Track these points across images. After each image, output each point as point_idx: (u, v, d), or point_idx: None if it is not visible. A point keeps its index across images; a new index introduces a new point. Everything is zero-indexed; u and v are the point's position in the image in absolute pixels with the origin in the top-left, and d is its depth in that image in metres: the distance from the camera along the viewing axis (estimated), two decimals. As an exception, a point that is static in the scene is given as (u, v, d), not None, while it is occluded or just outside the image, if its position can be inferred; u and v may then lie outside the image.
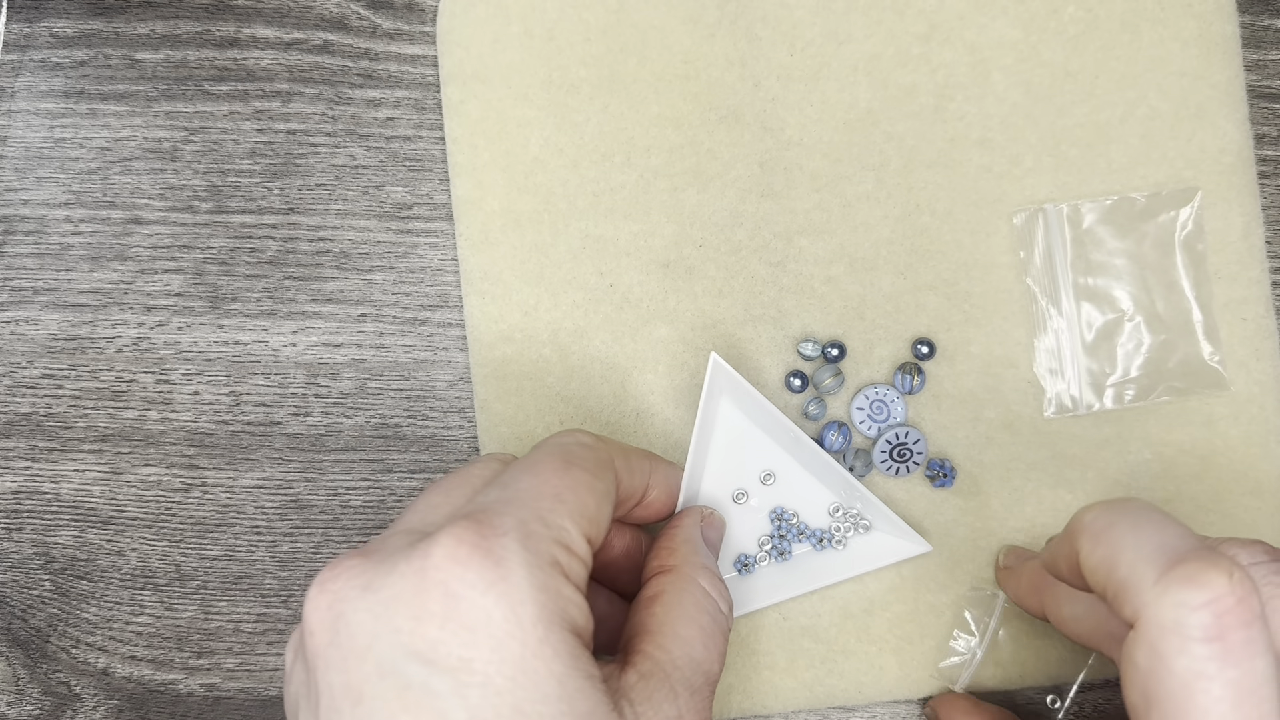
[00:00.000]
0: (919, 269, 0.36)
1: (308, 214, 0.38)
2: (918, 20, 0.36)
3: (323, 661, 0.24)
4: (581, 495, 0.27)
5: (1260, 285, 0.36)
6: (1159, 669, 0.23)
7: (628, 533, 0.34)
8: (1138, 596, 0.24)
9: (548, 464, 0.27)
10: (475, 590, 0.23)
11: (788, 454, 0.36)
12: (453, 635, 0.23)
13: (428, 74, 0.38)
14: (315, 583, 0.25)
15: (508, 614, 0.23)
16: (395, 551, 0.25)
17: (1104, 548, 0.26)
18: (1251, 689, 0.23)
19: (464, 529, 0.24)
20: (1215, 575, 0.23)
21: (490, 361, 0.37)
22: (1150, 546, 0.25)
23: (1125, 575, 0.24)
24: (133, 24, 0.38)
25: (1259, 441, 0.36)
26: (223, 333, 0.38)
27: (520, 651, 0.23)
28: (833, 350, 0.36)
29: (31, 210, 0.38)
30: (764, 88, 0.37)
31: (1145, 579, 0.24)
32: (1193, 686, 0.23)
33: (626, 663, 0.27)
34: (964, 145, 0.36)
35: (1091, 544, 0.26)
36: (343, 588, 0.25)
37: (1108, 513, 0.27)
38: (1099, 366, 0.36)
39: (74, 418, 0.38)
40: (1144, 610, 0.24)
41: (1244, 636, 0.23)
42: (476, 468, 0.29)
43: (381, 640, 0.23)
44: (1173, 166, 0.36)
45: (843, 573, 0.35)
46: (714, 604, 0.30)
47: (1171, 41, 0.36)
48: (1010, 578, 0.34)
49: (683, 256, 0.37)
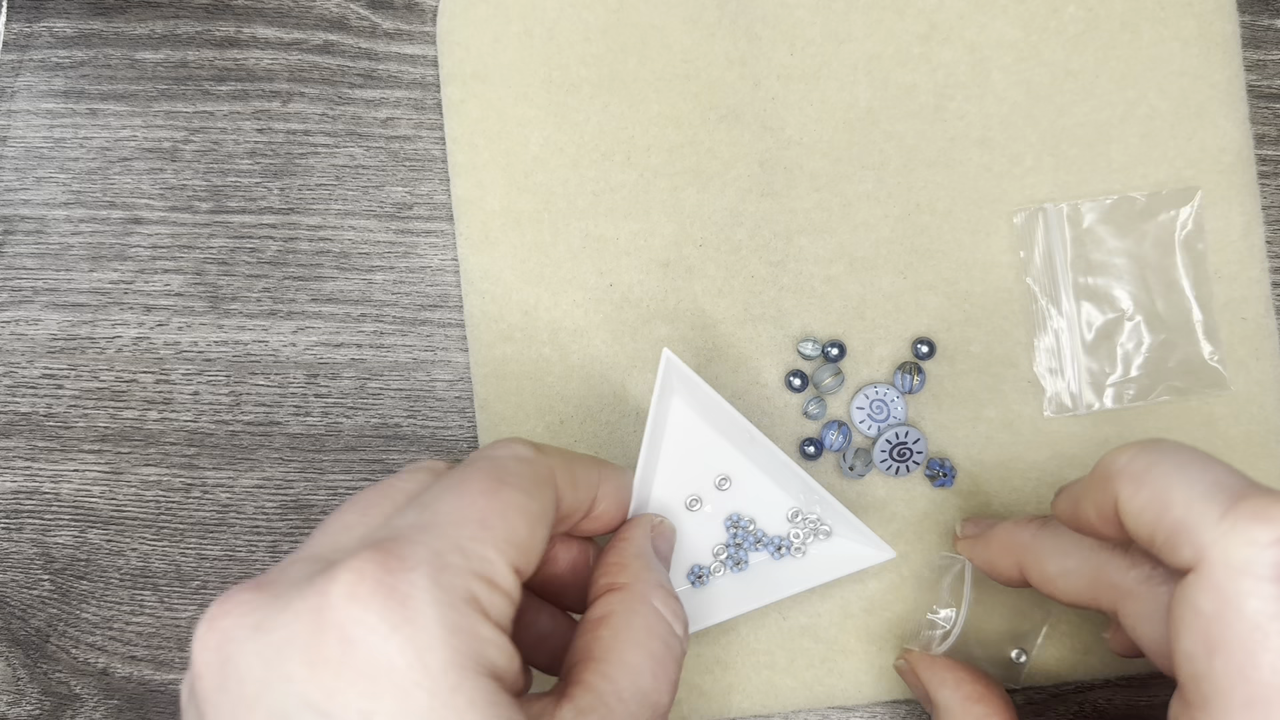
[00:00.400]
0: (919, 268, 0.36)
1: (308, 214, 0.38)
2: (918, 20, 0.36)
3: (211, 708, 0.22)
4: (511, 520, 0.24)
5: (1260, 285, 0.36)
6: (1227, 613, 0.22)
7: (574, 545, 0.31)
8: (1200, 536, 0.22)
9: (475, 482, 0.24)
10: (376, 634, 0.21)
11: (744, 456, 0.34)
12: (350, 685, 0.21)
13: (428, 74, 0.38)
14: (204, 618, 0.23)
15: (413, 661, 0.21)
16: (292, 585, 0.22)
17: (1149, 489, 0.24)
18: None
19: (367, 561, 0.21)
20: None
21: (490, 361, 0.37)
22: (1205, 484, 0.23)
23: (1182, 515, 0.23)
24: (133, 24, 0.38)
25: (1259, 441, 0.36)
26: (223, 332, 0.38)
27: (428, 703, 0.20)
28: (833, 350, 0.36)
29: (31, 210, 0.38)
30: (764, 87, 0.37)
31: (1206, 517, 0.22)
32: (1266, 629, 0.21)
33: (564, 694, 0.24)
34: (964, 144, 0.36)
35: (1134, 487, 0.24)
36: (232, 626, 0.22)
37: (1147, 453, 0.25)
38: (1099, 366, 0.36)
39: (74, 418, 0.38)
40: (1209, 551, 0.22)
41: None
42: (402, 480, 0.27)
43: (273, 689, 0.21)
44: (1173, 166, 0.36)
45: (803, 583, 0.33)
46: (667, 627, 0.27)
47: (1172, 41, 0.36)
48: (978, 544, 0.32)
49: (683, 256, 0.37)
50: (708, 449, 0.33)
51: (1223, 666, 0.22)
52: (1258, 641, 0.21)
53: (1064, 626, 0.36)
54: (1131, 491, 0.24)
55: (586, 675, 0.25)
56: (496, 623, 0.22)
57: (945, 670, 0.32)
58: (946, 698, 0.31)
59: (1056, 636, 0.36)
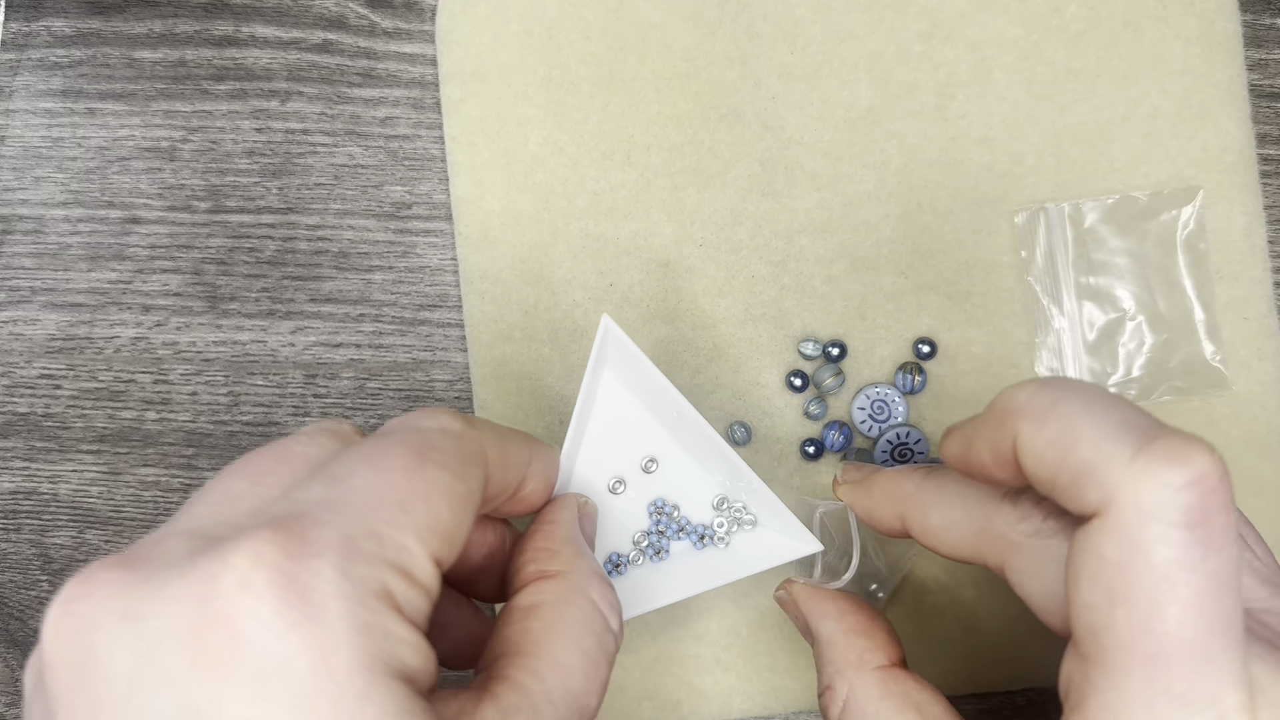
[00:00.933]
0: (920, 268, 0.36)
1: (306, 213, 0.37)
2: (919, 18, 0.36)
3: (65, 708, 0.19)
4: (435, 504, 0.21)
5: (1262, 285, 0.36)
6: (1134, 561, 0.20)
7: (492, 528, 0.28)
8: (1107, 479, 0.20)
9: (395, 457, 0.21)
10: (272, 631, 0.18)
11: (673, 437, 0.31)
12: (239, 688, 0.18)
13: (427, 73, 0.38)
14: (59, 598, 0.19)
15: (315, 663, 0.18)
16: (170, 564, 0.19)
17: (1053, 427, 0.22)
18: (1228, 579, 0.20)
19: (265, 543, 0.18)
20: (1198, 452, 0.20)
21: (490, 361, 0.36)
22: (1112, 423, 0.21)
23: (1088, 456, 0.21)
24: (131, 23, 0.38)
25: (1261, 441, 0.36)
26: (221, 333, 0.37)
27: (331, 712, 0.18)
28: (834, 350, 0.36)
29: (30, 210, 0.38)
30: (765, 86, 0.36)
31: (1115, 458, 0.20)
32: (1173, 579, 0.20)
33: (487, 690, 0.22)
34: (965, 144, 0.36)
35: (1035, 425, 0.22)
36: (95, 611, 0.19)
37: (1050, 389, 0.23)
38: (1101, 366, 0.36)
39: (72, 418, 0.37)
40: (1117, 494, 0.20)
41: (1224, 521, 0.20)
42: (300, 443, 0.23)
43: (144, 689, 0.18)
44: (1174, 165, 0.36)
45: (723, 576, 0.31)
46: (603, 622, 0.24)
47: (1173, 40, 0.36)
48: (858, 491, 0.30)
49: (683, 255, 0.36)
50: (636, 428, 0.31)
51: (1125, 618, 0.20)
52: (1164, 592, 0.20)
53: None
54: (1033, 430, 0.22)
55: (513, 671, 0.22)
56: (411, 620, 0.20)
57: (827, 601, 0.30)
58: (829, 629, 0.29)
59: (1058, 637, 0.35)
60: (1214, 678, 0.20)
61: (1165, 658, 0.20)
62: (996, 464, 0.24)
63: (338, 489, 0.20)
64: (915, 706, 0.27)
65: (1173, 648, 0.20)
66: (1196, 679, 0.20)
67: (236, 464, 0.22)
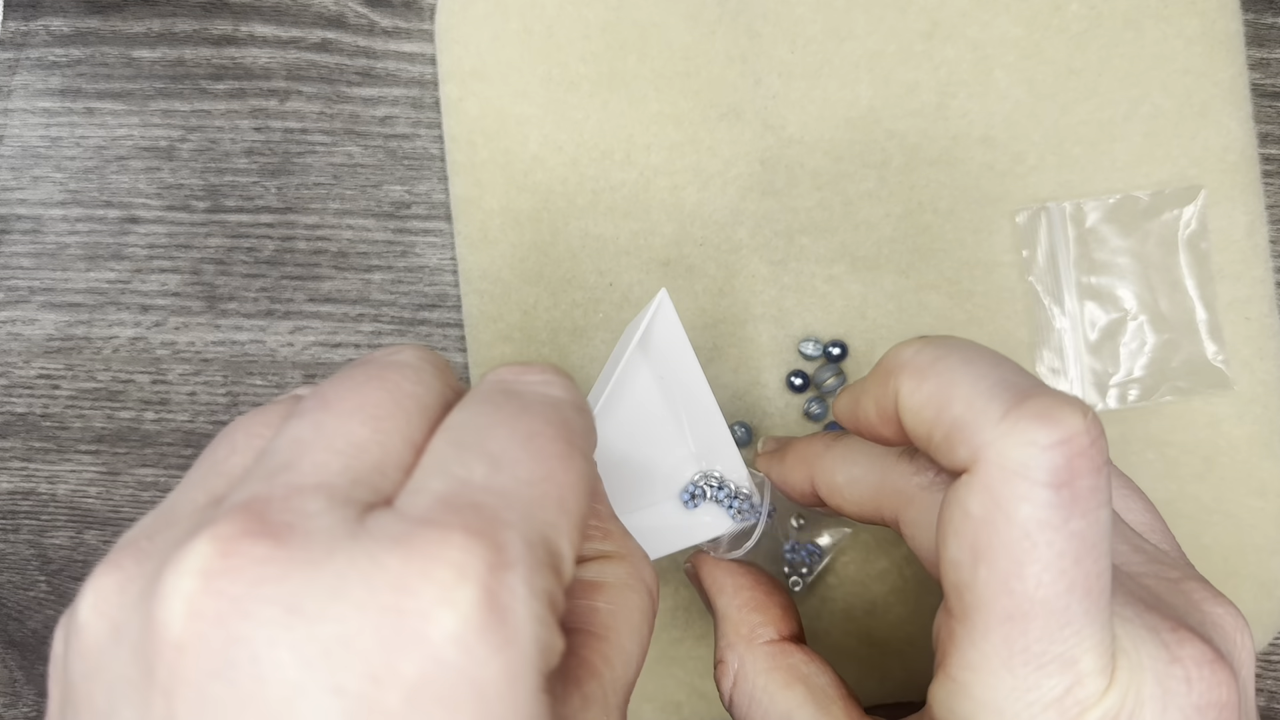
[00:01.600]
0: (921, 268, 0.36)
1: (305, 213, 0.37)
2: (920, 17, 0.36)
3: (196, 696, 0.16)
4: (582, 500, 0.19)
5: (1264, 284, 0.36)
6: (996, 518, 0.20)
7: None
8: (977, 435, 0.20)
9: (551, 441, 0.19)
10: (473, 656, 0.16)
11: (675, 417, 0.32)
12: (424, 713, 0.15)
13: (426, 72, 0.37)
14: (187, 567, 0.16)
15: (504, 688, 0.16)
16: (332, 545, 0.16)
17: (932, 383, 0.22)
18: (1094, 543, 0.20)
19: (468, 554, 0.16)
20: (1069, 413, 0.20)
21: (489, 361, 0.36)
22: (989, 381, 0.21)
23: (961, 412, 0.21)
24: (129, 22, 0.38)
25: (1263, 442, 0.36)
26: (219, 332, 0.37)
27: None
28: (834, 350, 0.36)
29: (28, 209, 0.38)
30: (765, 85, 0.36)
31: (987, 415, 0.20)
32: (1034, 538, 0.20)
33: (571, 679, 0.21)
34: (966, 143, 0.36)
35: (915, 380, 0.22)
36: (248, 597, 0.16)
37: (933, 347, 0.23)
38: (1102, 366, 0.36)
39: (70, 418, 0.37)
40: (984, 451, 0.20)
41: (1092, 484, 0.20)
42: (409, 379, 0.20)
43: (310, 701, 0.15)
44: (1176, 165, 0.36)
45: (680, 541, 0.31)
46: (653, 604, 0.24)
47: (1175, 39, 0.36)
48: (774, 460, 0.30)
49: (683, 255, 0.36)
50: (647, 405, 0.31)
51: (986, 575, 0.20)
52: (1025, 550, 0.20)
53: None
54: (913, 386, 0.22)
55: (590, 655, 0.21)
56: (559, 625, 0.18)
57: (725, 576, 0.30)
58: (724, 604, 0.29)
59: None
60: (1072, 640, 0.20)
61: (1023, 617, 0.20)
62: (881, 421, 0.24)
63: (504, 477, 0.18)
64: (802, 679, 0.27)
65: (1030, 608, 0.20)
66: (1054, 640, 0.20)
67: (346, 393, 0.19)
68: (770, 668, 0.27)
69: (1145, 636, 0.21)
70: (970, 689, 0.21)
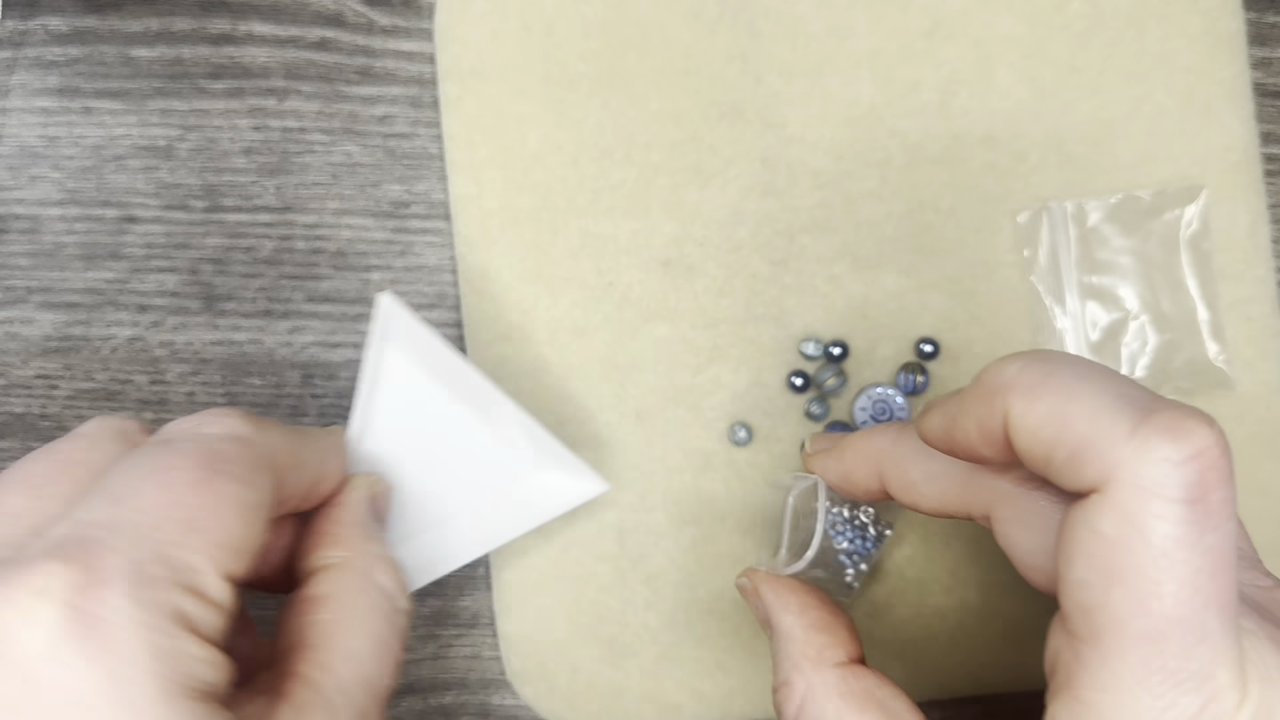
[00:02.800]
0: (923, 267, 0.36)
1: (303, 212, 0.37)
2: (921, 15, 0.36)
3: None
4: (225, 518, 0.20)
5: (1266, 284, 0.36)
6: (1131, 538, 0.20)
7: (289, 528, 0.27)
8: (1106, 455, 0.20)
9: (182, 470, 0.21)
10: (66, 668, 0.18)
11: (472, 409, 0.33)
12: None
13: (425, 70, 0.37)
14: None
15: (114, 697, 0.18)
16: None
17: (1047, 402, 0.21)
18: (1226, 556, 0.20)
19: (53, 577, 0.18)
20: (1197, 426, 0.20)
21: (488, 361, 0.36)
22: (1109, 396, 0.21)
23: (1085, 431, 0.20)
24: (127, 20, 0.38)
25: (1265, 441, 0.36)
26: (217, 332, 0.37)
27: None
28: (835, 350, 0.36)
29: (25, 209, 0.37)
30: (766, 83, 0.36)
31: (1113, 433, 0.20)
32: (1172, 556, 0.19)
33: (279, 691, 0.22)
34: (968, 142, 0.36)
35: (1027, 400, 0.21)
36: None
37: (1039, 363, 0.22)
38: (1104, 366, 0.36)
39: (68, 418, 0.37)
40: (1115, 470, 0.20)
41: (1223, 496, 0.20)
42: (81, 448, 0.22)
43: None
44: (1178, 164, 0.36)
45: (515, 529, 0.32)
46: (390, 603, 0.25)
47: (1177, 38, 0.36)
48: (830, 458, 0.29)
49: (683, 255, 0.36)
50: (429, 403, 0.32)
51: (1121, 597, 0.20)
52: (1163, 569, 0.19)
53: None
54: (1025, 406, 0.21)
55: (303, 666, 0.22)
56: (207, 637, 0.20)
57: (790, 594, 0.29)
58: (790, 624, 0.28)
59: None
60: (1208, 655, 0.20)
61: (1161, 636, 0.20)
62: (984, 442, 0.23)
63: (122, 508, 0.20)
64: (878, 704, 0.26)
65: (1169, 627, 0.20)
66: (1190, 657, 0.20)
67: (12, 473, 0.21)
68: (843, 692, 0.26)
69: (1269, 647, 0.21)
70: (1103, 710, 0.21)
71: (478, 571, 0.37)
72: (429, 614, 0.37)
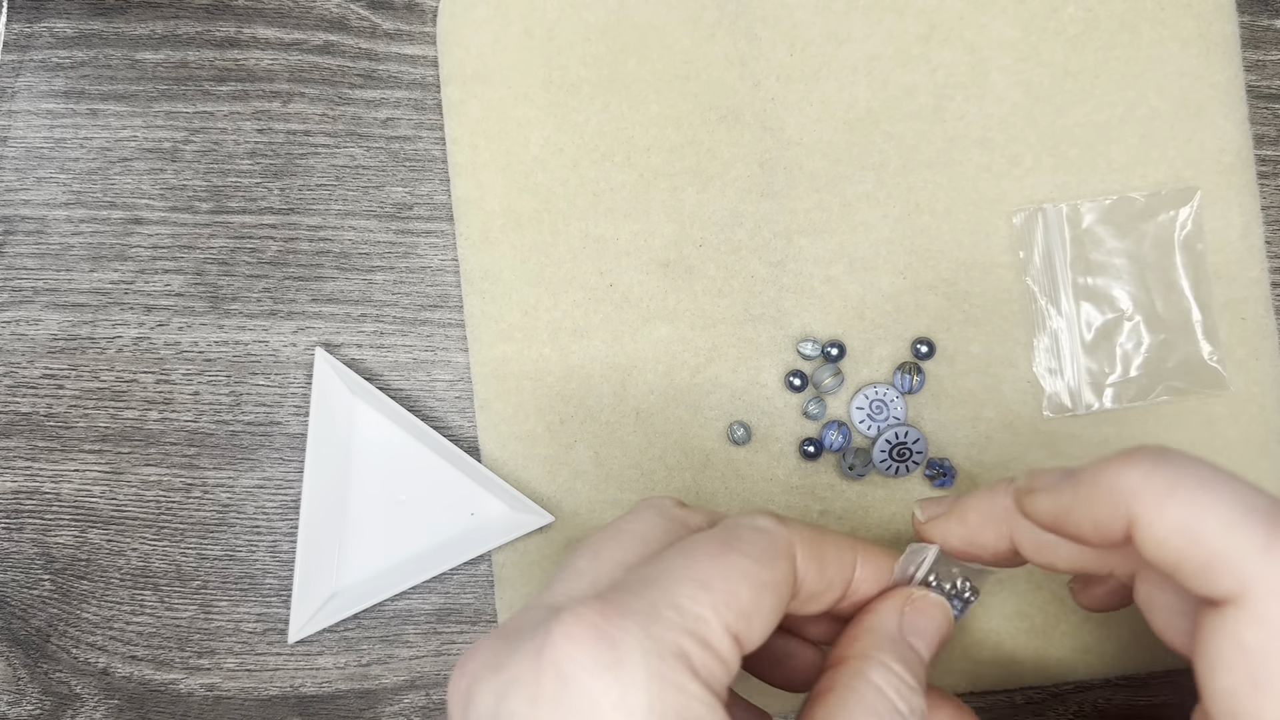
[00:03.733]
0: (919, 269, 0.36)
1: (308, 214, 0.38)
2: (917, 20, 0.37)
3: None
4: (734, 584, 0.24)
5: (1259, 285, 0.36)
6: (1276, 647, 0.21)
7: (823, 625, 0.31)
8: (1241, 569, 0.21)
9: (704, 546, 0.25)
10: (587, 673, 0.22)
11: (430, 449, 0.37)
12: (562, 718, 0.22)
13: (428, 74, 0.38)
14: (457, 663, 0.25)
15: (617, 700, 0.22)
16: (525, 630, 0.24)
17: (1176, 514, 0.22)
18: None
19: (587, 607, 0.23)
20: None
21: (490, 361, 0.37)
22: (1241, 508, 0.22)
23: (1218, 545, 0.21)
24: (133, 24, 0.38)
25: (1258, 441, 0.36)
26: (223, 333, 0.38)
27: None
28: (832, 350, 0.36)
29: (32, 210, 0.38)
30: (764, 87, 0.37)
31: (1248, 547, 0.21)
32: None
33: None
34: (963, 145, 0.36)
35: (1155, 510, 0.22)
36: (477, 668, 0.24)
37: (1163, 469, 0.23)
38: (1098, 366, 0.36)
39: (74, 418, 0.38)
40: (1254, 584, 0.21)
41: None
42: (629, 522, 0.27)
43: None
44: (1172, 166, 0.36)
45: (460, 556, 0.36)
46: (889, 705, 0.25)
47: (1171, 41, 0.36)
48: (950, 522, 0.29)
49: (683, 256, 0.37)
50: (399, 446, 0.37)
51: (1273, 705, 0.21)
52: None
53: (1064, 626, 0.36)
54: (1154, 515, 0.22)
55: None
56: (706, 683, 0.23)
57: None
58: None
59: (1056, 636, 0.36)
60: None
61: None
62: (1099, 538, 0.24)
63: (653, 570, 0.24)
64: None
65: None
66: None
67: (583, 544, 0.27)
68: None
69: None
70: None
71: (480, 569, 0.37)
72: (432, 610, 0.37)
